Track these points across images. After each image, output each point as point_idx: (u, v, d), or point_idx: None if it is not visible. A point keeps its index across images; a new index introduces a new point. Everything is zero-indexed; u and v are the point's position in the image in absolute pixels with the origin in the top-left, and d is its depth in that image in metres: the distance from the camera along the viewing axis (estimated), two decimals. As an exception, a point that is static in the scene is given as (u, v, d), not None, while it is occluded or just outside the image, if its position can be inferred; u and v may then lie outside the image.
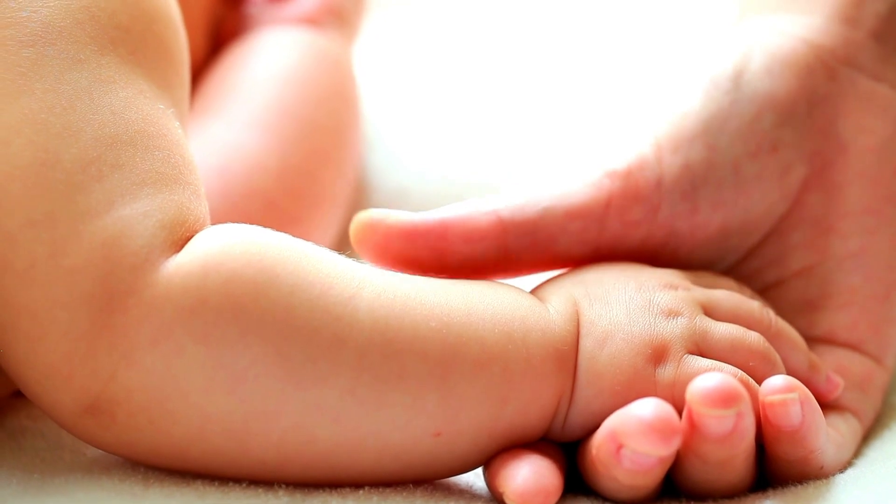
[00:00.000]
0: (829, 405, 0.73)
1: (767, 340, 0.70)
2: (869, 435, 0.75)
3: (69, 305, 0.62)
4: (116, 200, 0.64)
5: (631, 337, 0.68)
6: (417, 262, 0.72)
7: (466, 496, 0.68)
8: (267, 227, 0.66)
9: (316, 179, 0.90)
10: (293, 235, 0.67)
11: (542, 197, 0.74)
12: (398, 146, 1.03)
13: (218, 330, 0.63)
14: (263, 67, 0.93)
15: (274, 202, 0.86)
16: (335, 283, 0.65)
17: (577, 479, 0.69)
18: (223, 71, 0.94)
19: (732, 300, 0.72)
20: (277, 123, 0.89)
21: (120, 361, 0.62)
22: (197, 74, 0.91)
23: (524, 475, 0.65)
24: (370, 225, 0.72)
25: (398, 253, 0.72)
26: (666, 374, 0.67)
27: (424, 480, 0.67)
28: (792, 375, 0.68)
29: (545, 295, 0.71)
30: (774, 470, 0.69)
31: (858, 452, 0.73)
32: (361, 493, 0.65)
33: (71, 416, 0.64)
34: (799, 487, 0.68)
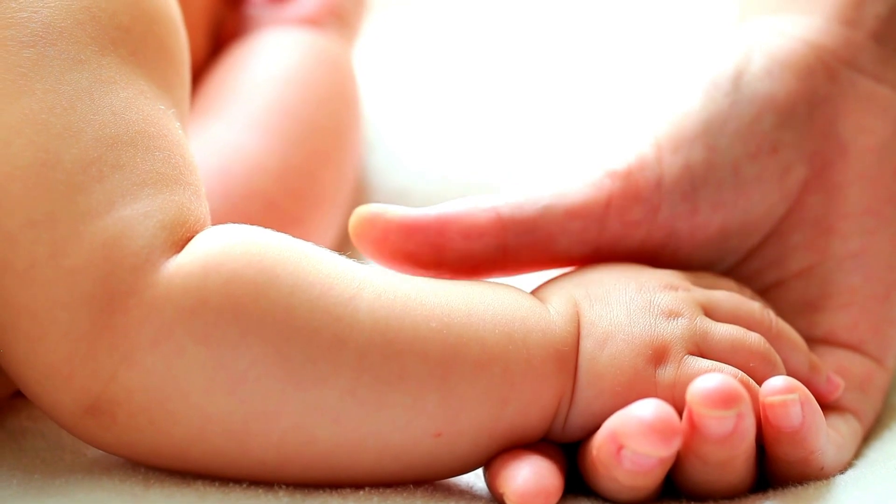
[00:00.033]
0: (829, 406, 0.73)
1: (768, 341, 0.70)
2: (869, 436, 0.75)
3: (70, 306, 0.62)
4: (117, 201, 0.64)
5: (631, 338, 0.68)
6: (415, 257, 0.72)
7: (467, 497, 0.68)
8: (267, 227, 0.66)
9: (316, 180, 0.90)
10: (293, 236, 0.66)
11: (541, 196, 0.74)
12: (398, 147, 1.03)
13: (218, 330, 0.63)
14: (264, 68, 0.93)
15: (274, 203, 0.86)
16: (335, 283, 0.65)
17: (577, 479, 0.69)
18: (224, 71, 0.94)
19: (733, 301, 0.72)
20: (278, 124, 0.89)
21: (120, 362, 0.62)
22: (197, 75, 0.91)
23: (525, 476, 0.65)
24: (369, 219, 0.72)
25: (396, 248, 0.72)
26: (666, 374, 0.67)
27: (425, 481, 0.67)
28: (792, 376, 0.68)
29: (546, 296, 0.71)
30: (775, 471, 0.69)
31: (859, 453, 0.73)
32: (362, 493, 0.65)
33: (71, 416, 0.64)
34: (799, 488, 0.68)
